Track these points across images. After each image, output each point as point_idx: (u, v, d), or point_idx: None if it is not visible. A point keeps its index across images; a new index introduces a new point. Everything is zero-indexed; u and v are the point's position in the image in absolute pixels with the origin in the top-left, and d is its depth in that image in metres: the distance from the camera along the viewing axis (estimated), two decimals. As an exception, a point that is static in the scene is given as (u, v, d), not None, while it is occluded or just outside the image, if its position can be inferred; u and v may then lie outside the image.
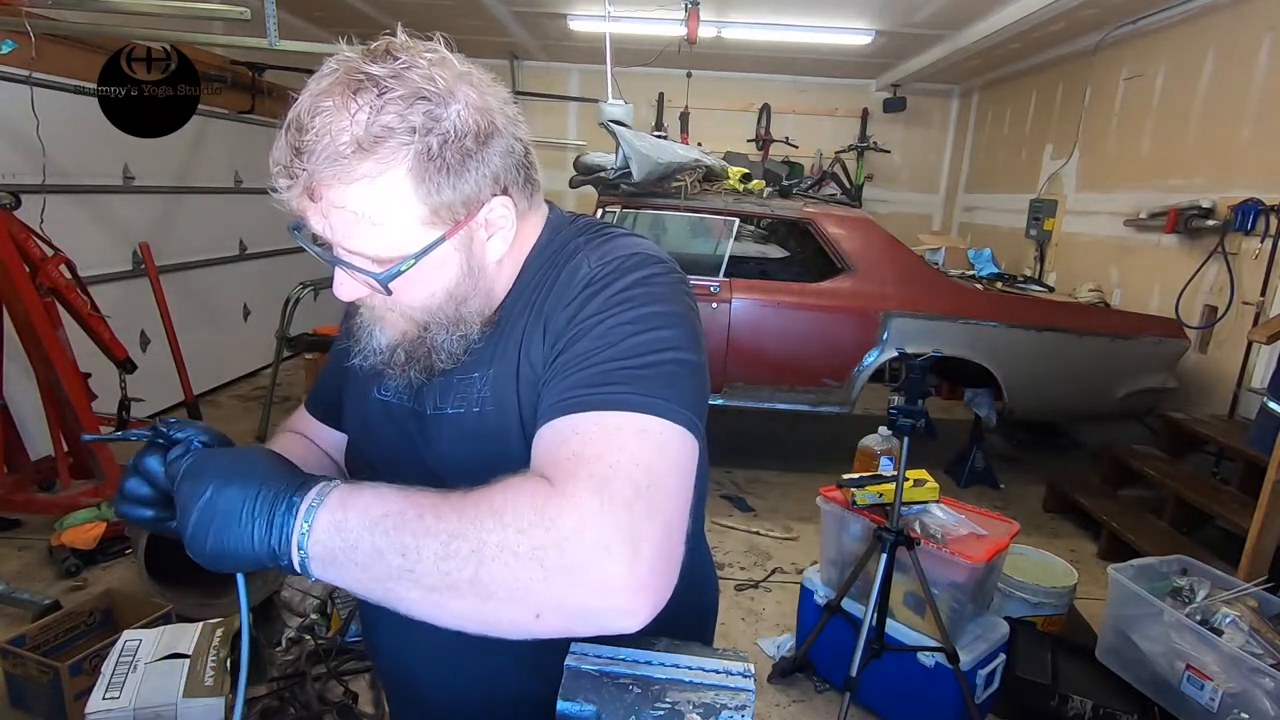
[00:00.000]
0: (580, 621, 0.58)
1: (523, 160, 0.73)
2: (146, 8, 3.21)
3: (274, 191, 0.67)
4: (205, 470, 0.62)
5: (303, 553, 0.59)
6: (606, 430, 0.63)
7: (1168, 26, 4.59)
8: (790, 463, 4.32)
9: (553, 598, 0.56)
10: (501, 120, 0.70)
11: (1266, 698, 1.87)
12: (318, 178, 0.64)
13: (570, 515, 0.57)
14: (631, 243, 0.78)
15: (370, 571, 0.58)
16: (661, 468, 0.62)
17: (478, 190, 0.69)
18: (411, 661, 0.88)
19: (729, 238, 4.00)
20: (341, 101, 0.63)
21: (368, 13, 5.64)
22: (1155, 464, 3.58)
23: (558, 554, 0.56)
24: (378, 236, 0.67)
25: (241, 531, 0.59)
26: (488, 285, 0.76)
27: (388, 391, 0.84)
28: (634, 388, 0.65)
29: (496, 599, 0.56)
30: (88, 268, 3.46)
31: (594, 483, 0.58)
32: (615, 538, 0.56)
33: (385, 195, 0.65)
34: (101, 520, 2.91)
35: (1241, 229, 3.74)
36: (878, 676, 2.13)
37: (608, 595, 0.56)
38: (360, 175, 0.64)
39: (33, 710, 2.06)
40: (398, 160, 0.64)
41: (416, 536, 0.57)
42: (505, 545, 0.56)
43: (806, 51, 6.62)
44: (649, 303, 0.71)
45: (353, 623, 2.45)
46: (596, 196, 4.05)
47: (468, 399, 0.78)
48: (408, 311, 0.74)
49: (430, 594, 0.57)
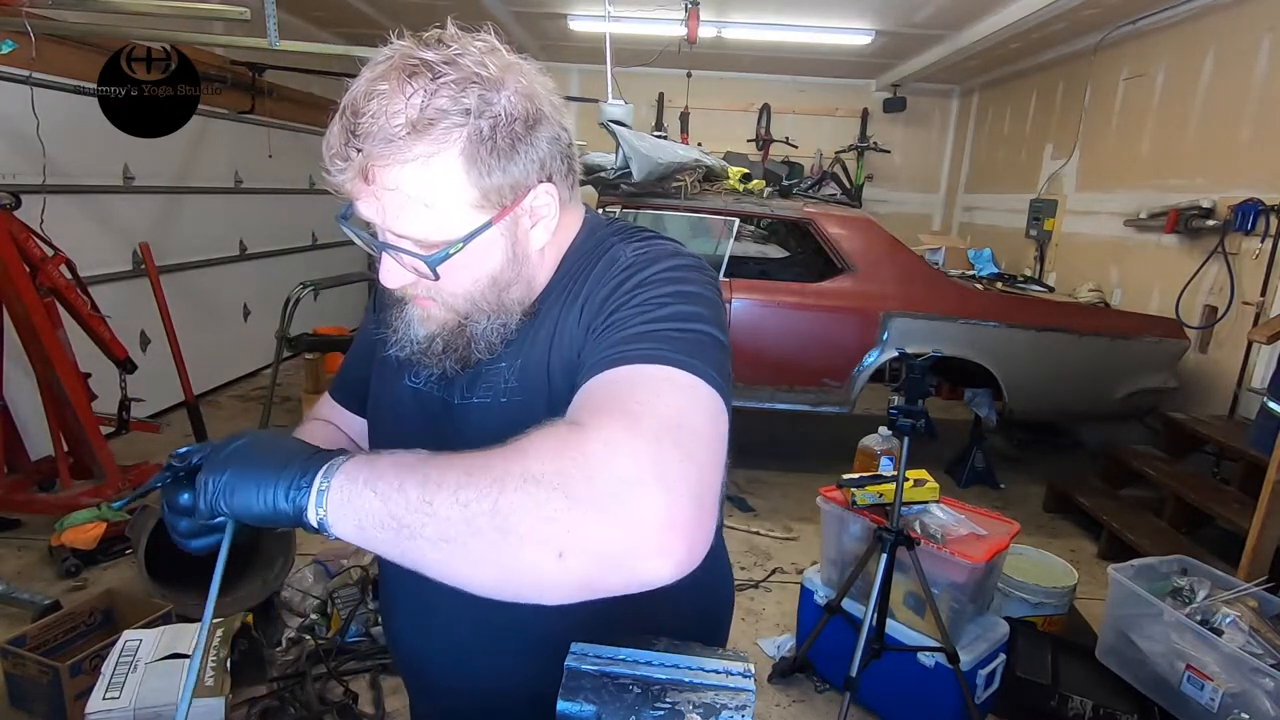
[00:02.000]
0: (608, 566, 0.53)
1: (566, 150, 0.76)
2: (146, 8, 3.21)
3: (327, 174, 0.68)
4: (232, 441, 0.64)
5: (325, 485, 0.58)
6: (642, 379, 0.63)
7: (1168, 26, 4.59)
8: (790, 463, 4.32)
9: (578, 531, 0.52)
10: (548, 108, 0.72)
11: (1266, 698, 1.87)
12: (373, 159, 0.65)
13: (598, 446, 0.54)
14: (668, 244, 0.81)
15: (388, 505, 0.55)
16: (694, 413, 0.61)
17: (525, 176, 0.71)
18: (429, 648, 0.89)
19: (729, 238, 4.00)
20: (396, 85, 0.65)
21: (368, 13, 5.64)
22: (1155, 464, 3.58)
23: (585, 484, 0.52)
24: (428, 219, 0.68)
25: (268, 473, 0.60)
26: (530, 273, 0.78)
27: (418, 379, 0.85)
28: (669, 347, 0.65)
29: (516, 534, 0.52)
30: (88, 268, 3.46)
31: (624, 418, 0.57)
32: (647, 471, 0.53)
33: (438, 177, 0.67)
34: (101, 520, 2.91)
35: (1241, 229, 3.75)
36: (878, 676, 2.13)
37: (639, 531, 0.52)
38: (415, 156, 0.65)
39: (33, 710, 2.06)
40: (451, 142, 0.66)
41: (440, 470, 0.56)
42: (528, 474, 0.53)
43: (806, 51, 6.62)
44: (684, 284, 0.73)
45: (352, 623, 2.45)
46: (596, 196, 4.05)
47: (494, 389, 0.79)
48: (450, 300, 0.75)
49: (446, 528, 0.54)
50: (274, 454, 0.62)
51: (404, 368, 0.86)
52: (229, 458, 0.62)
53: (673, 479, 0.54)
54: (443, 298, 0.75)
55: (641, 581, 0.54)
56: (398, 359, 0.84)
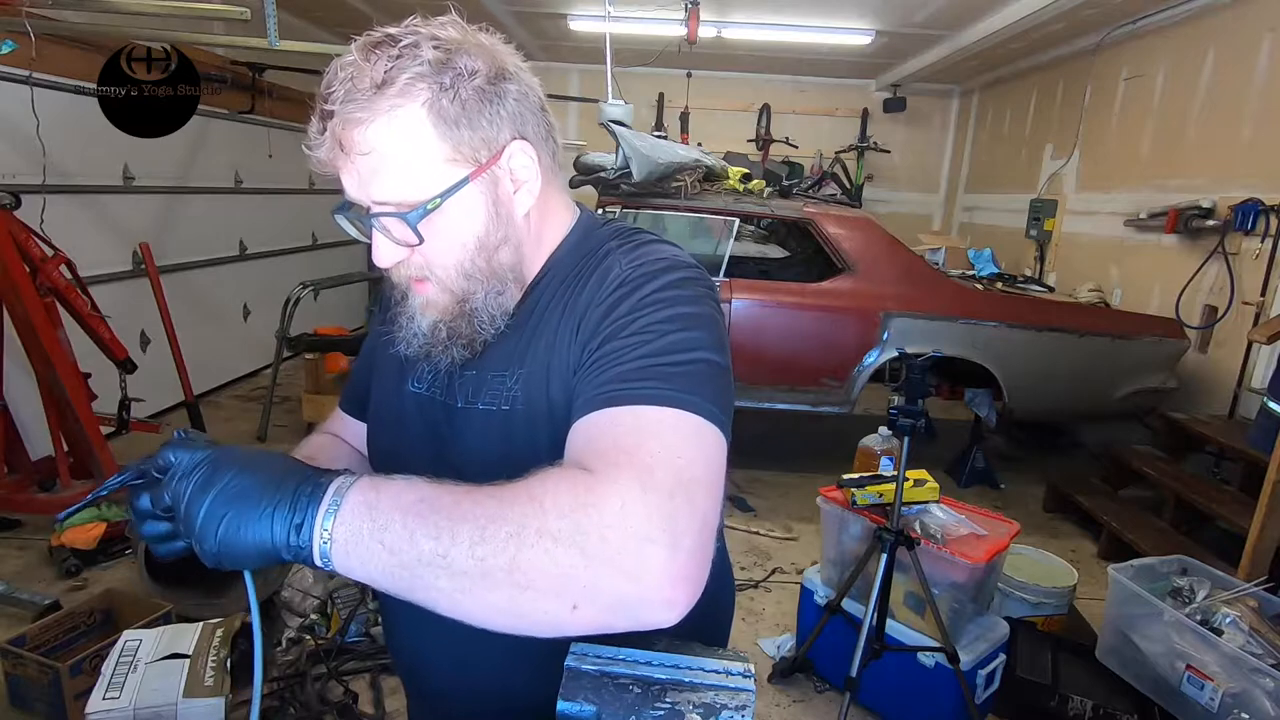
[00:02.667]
0: (617, 614, 0.56)
1: (539, 109, 0.76)
2: (146, 8, 3.21)
3: (308, 151, 0.70)
4: (220, 461, 0.59)
5: (326, 535, 0.56)
6: (644, 423, 0.63)
7: (1168, 26, 4.59)
8: (790, 463, 4.32)
9: (592, 587, 0.54)
10: (512, 66, 0.74)
11: (1266, 698, 1.87)
12: (344, 123, 0.67)
13: (613, 502, 0.56)
14: (663, 249, 0.80)
15: (398, 556, 0.55)
16: (698, 462, 0.62)
17: (496, 131, 0.72)
18: (430, 652, 0.88)
19: (729, 238, 4.00)
20: (361, 57, 0.68)
21: (368, 13, 5.64)
22: (1155, 464, 3.58)
23: (599, 540, 0.54)
24: (404, 179, 0.69)
25: (260, 513, 0.56)
26: (517, 238, 0.78)
27: (421, 384, 0.85)
28: (669, 385, 0.65)
29: (534, 588, 0.54)
30: (88, 268, 3.46)
31: (636, 471, 0.58)
32: (658, 527, 0.55)
33: (406, 132, 0.68)
34: (101, 520, 2.91)
35: (1241, 229, 3.74)
36: (878, 676, 2.13)
37: (649, 585, 0.55)
38: (380, 111, 0.67)
39: (33, 710, 2.06)
40: (415, 95, 0.68)
41: (452, 520, 0.56)
42: (545, 530, 0.54)
43: (806, 51, 6.62)
44: (680, 304, 0.73)
45: (352, 623, 2.46)
46: (597, 196, 4.05)
47: (499, 396, 0.79)
48: (443, 274, 0.75)
49: (462, 581, 0.55)
50: (259, 498, 0.57)
51: (405, 373, 0.86)
52: (213, 501, 0.57)
53: (680, 533, 0.56)
54: (436, 274, 0.75)
55: (646, 625, 0.57)
56: (400, 363, 0.84)
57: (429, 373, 0.85)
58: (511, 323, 0.80)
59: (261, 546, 0.57)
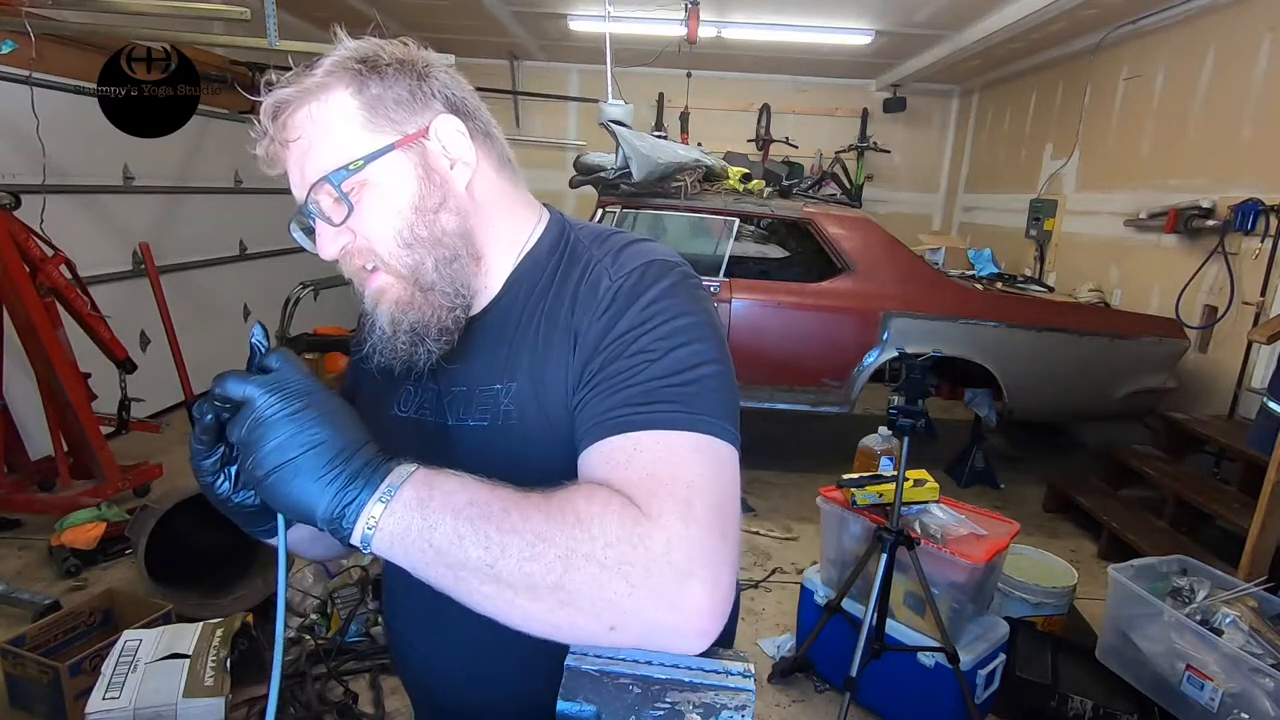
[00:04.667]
0: (650, 640, 0.59)
1: (470, 96, 0.78)
2: (146, 8, 3.21)
3: (252, 151, 0.73)
4: (314, 401, 0.59)
5: (373, 522, 0.57)
6: (671, 449, 0.65)
7: (1168, 26, 4.59)
8: (790, 463, 4.32)
9: (633, 614, 0.58)
10: (438, 63, 0.77)
11: (1266, 698, 1.87)
12: (273, 104, 0.71)
13: (659, 537, 0.58)
14: (644, 249, 0.79)
15: (445, 557, 0.57)
16: (723, 487, 0.65)
17: (421, 105, 0.74)
18: (445, 670, 0.87)
19: (729, 238, 4.00)
20: (297, 70, 0.73)
21: (368, 13, 5.62)
22: (1155, 464, 3.58)
23: (644, 573, 0.57)
24: (331, 154, 0.71)
25: (316, 476, 0.57)
26: (460, 206, 0.76)
27: (407, 408, 0.84)
28: (684, 406, 0.67)
29: (574, 606, 0.57)
30: (88, 268, 3.46)
31: (676, 505, 0.61)
32: (699, 562, 0.59)
33: (331, 111, 0.71)
34: (101, 520, 2.91)
35: (1241, 229, 3.75)
36: (878, 676, 2.13)
37: (687, 618, 0.58)
38: (307, 93, 0.70)
39: (33, 710, 2.06)
40: (340, 76, 0.71)
41: (502, 532, 0.57)
42: (593, 557, 0.57)
43: (806, 51, 6.62)
44: (678, 315, 0.72)
45: (352, 623, 2.46)
46: (596, 196, 4.05)
47: (491, 411, 0.78)
48: (386, 252, 0.73)
49: (506, 591, 0.57)
50: (326, 456, 0.57)
51: (389, 398, 0.85)
52: (287, 439, 0.57)
53: (719, 567, 0.60)
54: (379, 253, 0.74)
55: (674, 650, 0.60)
56: (382, 389, 0.84)
57: (414, 394, 0.83)
58: (492, 333, 0.79)
59: (305, 506, 0.57)
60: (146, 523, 2.44)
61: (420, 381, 0.82)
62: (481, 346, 0.79)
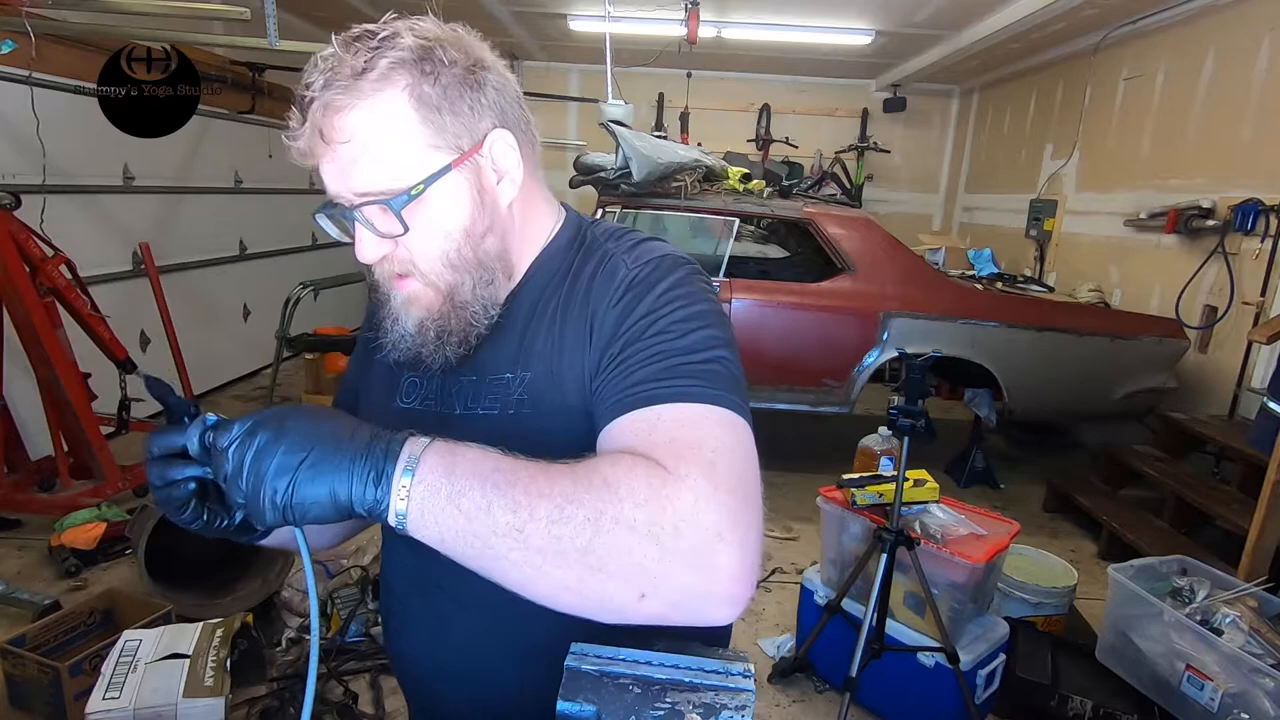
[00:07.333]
0: (681, 607, 0.58)
1: (517, 102, 0.76)
2: (146, 8, 3.21)
3: (288, 142, 0.69)
4: (285, 415, 0.57)
5: (404, 491, 0.55)
6: (694, 419, 0.65)
7: (1168, 26, 4.59)
8: (790, 463, 4.32)
9: (663, 578, 0.56)
10: (489, 59, 0.74)
11: (1266, 698, 1.87)
12: (322, 106, 0.66)
13: (686, 496, 0.57)
14: (658, 246, 0.81)
15: (474, 524, 0.55)
16: (745, 456, 0.65)
17: (477, 118, 0.72)
18: (443, 670, 0.86)
19: (729, 238, 4.00)
20: (341, 50, 0.68)
21: (368, 13, 5.64)
22: (1155, 464, 3.58)
23: (674, 535, 0.56)
24: (385, 166, 0.68)
25: (336, 463, 0.55)
26: (503, 227, 0.77)
27: (411, 399, 0.84)
28: (702, 382, 0.67)
29: (605, 572, 0.56)
30: (88, 268, 3.46)
31: (702, 466, 0.60)
32: (727, 524, 0.57)
33: (387, 118, 0.68)
34: (101, 520, 2.91)
35: (1241, 229, 3.75)
36: (878, 676, 2.13)
37: (718, 582, 0.57)
38: (362, 96, 0.67)
39: (33, 710, 2.06)
40: (396, 80, 0.67)
41: (530, 496, 0.56)
42: (622, 518, 0.56)
43: (806, 51, 6.62)
44: (693, 302, 0.74)
45: (352, 623, 2.45)
46: (597, 196, 4.05)
47: (502, 400, 0.78)
48: (428, 266, 0.73)
49: (534, 556, 0.56)
50: (337, 449, 0.56)
51: (393, 389, 0.84)
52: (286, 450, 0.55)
53: (744, 532, 0.59)
54: (420, 267, 0.73)
55: (705, 621, 0.59)
56: (388, 379, 0.83)
57: (419, 385, 0.83)
58: (504, 323, 0.79)
59: (336, 497, 0.55)
60: (146, 523, 2.44)
61: (425, 373, 0.82)
62: (493, 336, 0.79)
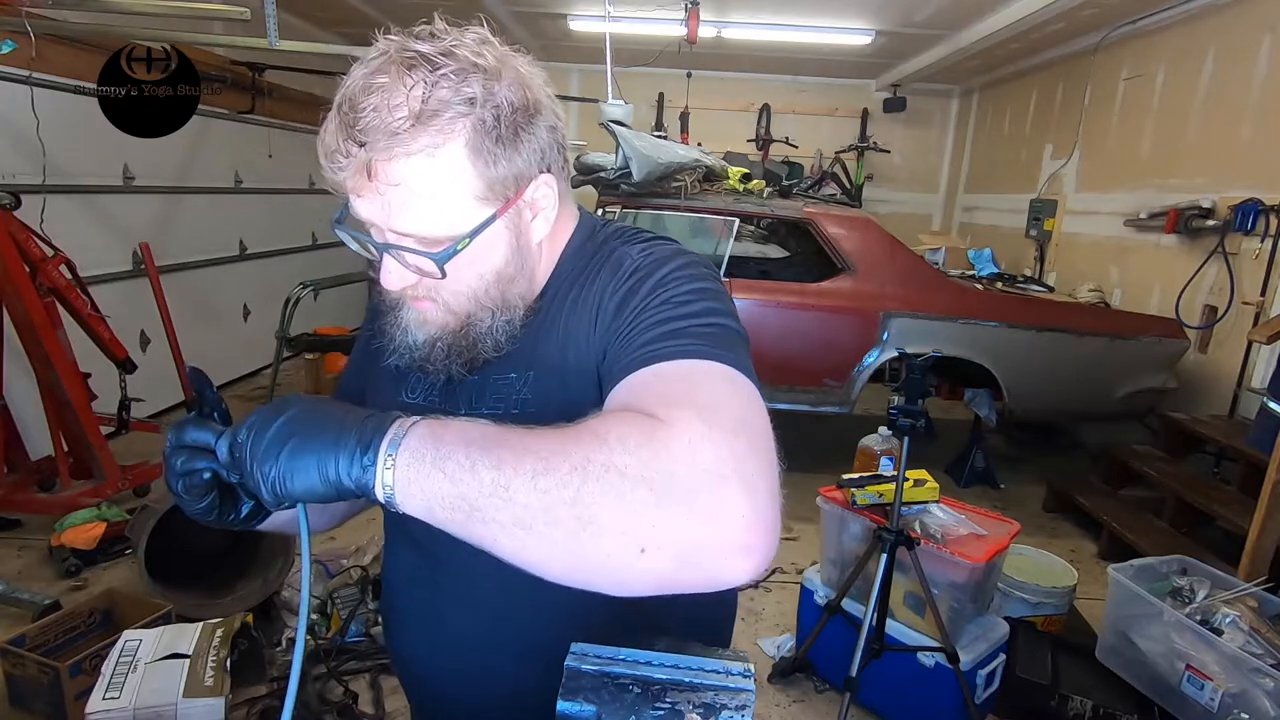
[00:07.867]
0: (689, 565, 0.53)
1: (562, 140, 0.75)
2: (146, 8, 3.21)
3: (327, 173, 0.67)
4: (285, 401, 0.59)
5: (390, 461, 0.55)
6: (693, 372, 0.63)
7: (1168, 26, 4.59)
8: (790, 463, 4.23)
9: (663, 529, 0.52)
10: (545, 98, 0.72)
11: (1266, 698, 1.87)
12: (376, 153, 0.63)
13: (680, 439, 0.53)
14: (667, 242, 0.81)
15: (459, 486, 0.53)
16: (746, 405, 0.62)
17: (528, 166, 0.70)
18: (441, 667, 0.86)
19: (729, 238, 4.00)
20: (395, 78, 0.64)
21: (368, 13, 5.64)
22: (1155, 464, 3.58)
23: (669, 478, 0.52)
24: (433, 214, 0.67)
25: (325, 440, 0.55)
26: (531, 267, 0.77)
27: (415, 395, 0.84)
28: (705, 342, 0.66)
29: (597, 524, 0.51)
30: (88, 268, 3.46)
31: (697, 410, 0.57)
32: (728, 463, 0.53)
33: (444, 170, 0.66)
34: (101, 520, 2.91)
35: (1241, 229, 3.74)
36: (878, 676, 2.13)
37: (724, 527, 0.52)
38: (420, 148, 0.64)
39: (33, 710, 2.06)
40: (455, 133, 0.65)
41: (515, 452, 0.54)
42: (611, 465, 0.52)
43: (806, 51, 6.62)
44: (697, 280, 0.74)
45: (352, 623, 2.46)
46: (597, 196, 4.05)
47: (506, 400, 0.78)
48: (452, 299, 0.73)
49: (522, 514, 0.52)
50: (326, 427, 0.57)
51: (399, 384, 0.84)
52: (277, 438, 0.56)
53: (751, 474, 0.54)
54: (443, 298, 0.73)
55: (719, 581, 0.54)
56: (393, 375, 0.83)
57: (424, 380, 0.83)
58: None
59: (325, 473, 0.55)
60: (146, 523, 2.43)
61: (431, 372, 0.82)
62: None
